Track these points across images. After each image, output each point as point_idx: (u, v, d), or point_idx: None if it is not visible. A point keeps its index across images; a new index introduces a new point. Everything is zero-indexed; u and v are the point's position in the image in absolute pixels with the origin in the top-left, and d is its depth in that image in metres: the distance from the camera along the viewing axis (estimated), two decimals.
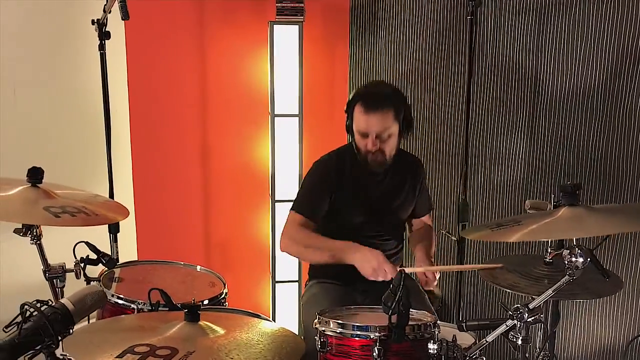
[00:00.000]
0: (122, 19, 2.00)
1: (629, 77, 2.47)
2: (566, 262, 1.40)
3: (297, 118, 3.05)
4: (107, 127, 2.46)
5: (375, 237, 2.32)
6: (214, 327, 1.49)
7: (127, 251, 3.19)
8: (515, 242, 2.79)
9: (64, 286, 1.92)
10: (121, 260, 2.44)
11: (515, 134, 2.82)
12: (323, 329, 1.59)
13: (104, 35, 2.32)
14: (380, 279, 2.04)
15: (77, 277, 1.91)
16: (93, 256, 2.02)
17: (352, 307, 1.80)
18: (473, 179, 2.94)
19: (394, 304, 1.33)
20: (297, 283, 3.19)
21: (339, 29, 3.28)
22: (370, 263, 2.03)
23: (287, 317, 3.22)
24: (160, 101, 3.16)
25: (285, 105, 3.05)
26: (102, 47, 2.34)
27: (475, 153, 2.91)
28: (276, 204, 3.12)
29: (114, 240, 2.55)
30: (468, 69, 2.60)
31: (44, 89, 2.75)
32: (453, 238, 2.75)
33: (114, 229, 2.54)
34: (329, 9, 3.26)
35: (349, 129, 2.28)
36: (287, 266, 3.15)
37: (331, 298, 2.22)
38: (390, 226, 2.37)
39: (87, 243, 2.04)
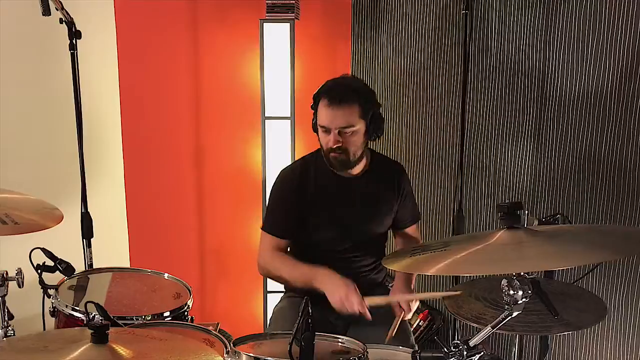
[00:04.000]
0: (43, 15, 1.91)
1: None
2: (504, 294, 1.18)
3: (288, 121, 2.90)
4: (79, 129, 2.38)
5: (346, 253, 2.14)
6: (123, 350, 1.36)
7: (119, 258, 3.13)
8: None
9: (5, 294, 1.84)
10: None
11: (518, 140, 2.55)
12: None
13: (74, 35, 2.25)
14: (346, 311, 1.93)
15: (19, 286, 1.83)
16: (50, 263, 1.96)
17: (277, 332, 1.61)
18: (471, 189, 2.68)
19: (294, 334, 1.14)
20: None
21: (340, 26, 3.12)
22: (339, 293, 1.93)
23: None
24: (153, 104, 3.08)
25: (276, 107, 2.90)
26: (72, 47, 2.27)
27: (474, 160, 2.66)
28: None
29: (88, 245, 2.47)
30: (463, 68, 2.37)
31: (17, 91, 2.72)
32: None
33: (87, 234, 2.46)
34: (329, 6, 3.10)
35: (315, 127, 2.11)
36: None
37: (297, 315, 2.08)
38: (364, 241, 2.16)
39: (42, 249, 1.98)
